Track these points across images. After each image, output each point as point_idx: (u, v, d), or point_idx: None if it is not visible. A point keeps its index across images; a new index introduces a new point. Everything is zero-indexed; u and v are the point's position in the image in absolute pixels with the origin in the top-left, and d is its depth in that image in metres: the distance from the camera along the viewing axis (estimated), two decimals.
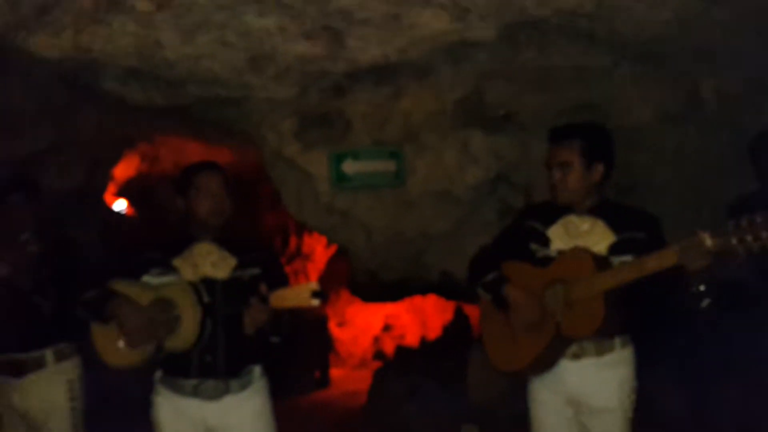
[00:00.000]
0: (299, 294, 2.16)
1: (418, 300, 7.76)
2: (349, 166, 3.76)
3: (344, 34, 2.97)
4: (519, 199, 3.89)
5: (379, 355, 8.82)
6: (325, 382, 7.46)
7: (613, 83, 3.65)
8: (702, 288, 2.12)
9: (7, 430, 2.90)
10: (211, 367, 2.36)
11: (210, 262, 2.42)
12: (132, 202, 6.18)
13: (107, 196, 5.76)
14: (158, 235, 5.67)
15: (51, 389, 2.87)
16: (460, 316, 6.66)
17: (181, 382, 2.38)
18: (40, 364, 2.86)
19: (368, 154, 3.73)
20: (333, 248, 8.36)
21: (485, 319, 2.50)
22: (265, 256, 2.57)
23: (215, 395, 2.36)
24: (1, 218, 2.84)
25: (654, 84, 3.66)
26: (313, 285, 2.14)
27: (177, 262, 2.41)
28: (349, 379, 7.97)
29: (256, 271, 2.46)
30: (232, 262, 2.44)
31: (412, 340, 8.57)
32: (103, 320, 2.34)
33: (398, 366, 5.97)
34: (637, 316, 2.32)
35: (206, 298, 2.33)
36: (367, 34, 2.96)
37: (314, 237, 8.34)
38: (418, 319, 9.00)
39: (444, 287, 4.37)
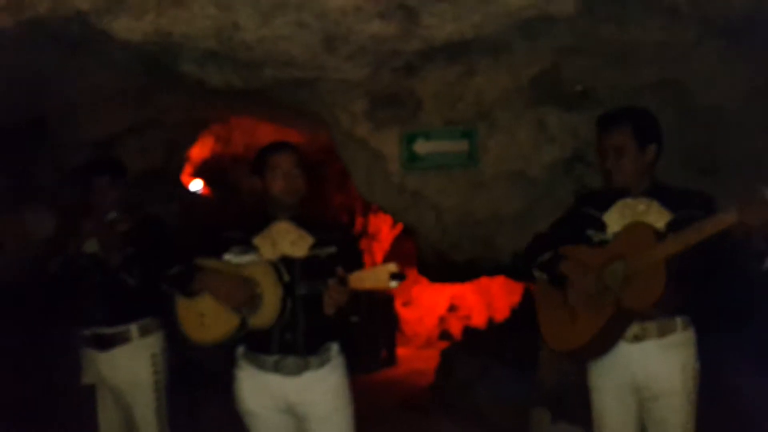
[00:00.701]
0: (378, 275, 2.18)
1: (484, 281, 7.71)
2: (421, 147, 3.72)
3: (419, 12, 2.92)
4: (596, 178, 3.75)
5: (444, 335, 8.84)
6: (391, 361, 7.54)
7: (696, 59, 3.48)
8: (765, 246, 2.06)
9: (99, 400, 3.05)
10: (291, 344, 2.42)
11: (288, 240, 2.48)
12: (206, 183, 6.35)
13: (184, 177, 5.94)
14: (231, 214, 5.86)
15: (135, 363, 3.00)
16: (529, 298, 6.57)
17: (263, 358, 2.45)
18: (125, 339, 2.99)
19: (440, 133, 3.68)
20: (398, 228, 8.39)
21: (542, 300, 2.52)
22: (341, 235, 2.62)
23: (295, 371, 2.43)
24: (88, 198, 2.97)
25: (740, 60, 3.47)
26: (392, 267, 2.16)
27: (257, 240, 2.47)
28: (414, 358, 8.02)
29: (332, 249, 2.50)
30: (309, 240, 2.49)
31: (477, 321, 8.53)
32: (189, 294, 2.42)
33: (466, 347, 5.96)
34: (700, 292, 2.30)
35: (286, 277, 2.38)
36: (443, 11, 2.90)
37: (380, 217, 8.38)
38: (484, 300, 8.94)
39: (515, 269, 4.31)
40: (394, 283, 2.15)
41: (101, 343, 2.98)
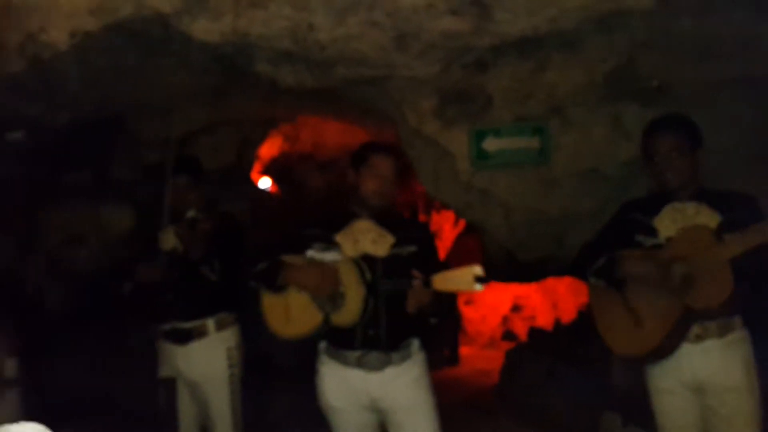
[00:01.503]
0: (463, 278, 2.18)
1: (550, 281, 7.56)
2: (491, 144, 3.68)
3: (492, 7, 2.88)
4: None
5: (508, 335, 8.71)
6: (454, 359, 7.48)
7: None
8: None
9: (179, 393, 3.14)
10: (374, 340, 2.45)
11: (370, 239, 2.49)
12: (274, 180, 6.47)
13: (253, 175, 6.06)
14: (299, 211, 5.95)
15: (212, 356, 3.07)
16: None
17: (346, 354, 2.48)
18: (202, 333, 3.06)
19: (510, 130, 3.63)
20: (461, 226, 8.32)
21: (600, 307, 2.52)
22: (420, 234, 2.63)
23: (378, 366, 2.45)
24: (169, 197, 3.06)
25: None
26: (477, 269, 2.16)
27: (338, 237, 2.50)
28: (478, 357, 7.93)
29: (413, 248, 2.52)
30: (390, 239, 2.50)
31: (542, 321, 8.37)
32: (276, 289, 2.48)
33: (532, 348, 5.86)
34: (754, 292, 2.33)
35: (368, 276, 2.41)
36: (516, 5, 2.85)
37: (442, 214, 8.34)
38: (550, 300, 8.77)
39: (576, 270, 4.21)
40: (478, 286, 2.15)
41: (179, 337, 3.06)
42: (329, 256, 2.46)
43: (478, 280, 2.14)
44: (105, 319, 4.07)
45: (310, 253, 2.49)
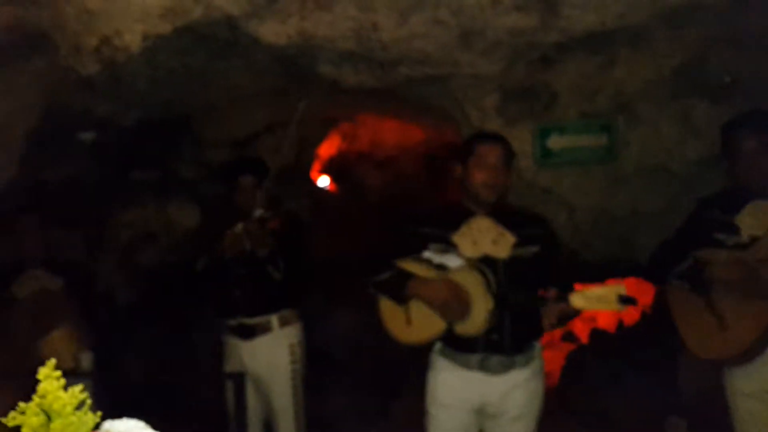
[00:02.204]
0: (606, 298, 2.06)
1: (611, 281, 7.38)
2: (555, 142, 3.60)
3: (559, 3, 2.84)
4: None
5: (568, 336, 8.54)
6: None
7: None
8: None
9: (247, 388, 3.20)
10: (497, 344, 2.34)
11: (490, 239, 2.34)
12: (333, 179, 6.51)
13: (312, 173, 6.12)
14: (356, 210, 5.98)
15: (275, 352, 3.13)
16: (662, 301, 6.22)
17: (467, 357, 2.37)
18: (266, 329, 3.12)
19: (576, 127, 3.55)
20: None
21: (682, 309, 2.48)
22: (542, 232, 2.50)
23: (501, 370, 2.35)
24: (235, 197, 3.13)
25: None
26: (621, 289, 2.05)
27: (456, 238, 2.36)
28: None
29: (535, 248, 2.38)
30: (511, 239, 2.35)
31: (603, 323, 8.17)
32: (401, 301, 2.38)
33: (594, 350, 5.74)
34: None
35: (494, 287, 2.27)
36: (585, 1, 2.80)
37: None
38: None
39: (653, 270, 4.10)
40: (621, 306, 2.05)
41: (244, 332, 3.12)
42: (451, 261, 2.32)
43: (623, 300, 2.02)
44: (170, 314, 4.18)
45: (428, 254, 2.35)
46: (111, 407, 0.95)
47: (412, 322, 2.36)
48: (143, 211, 4.31)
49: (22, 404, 0.91)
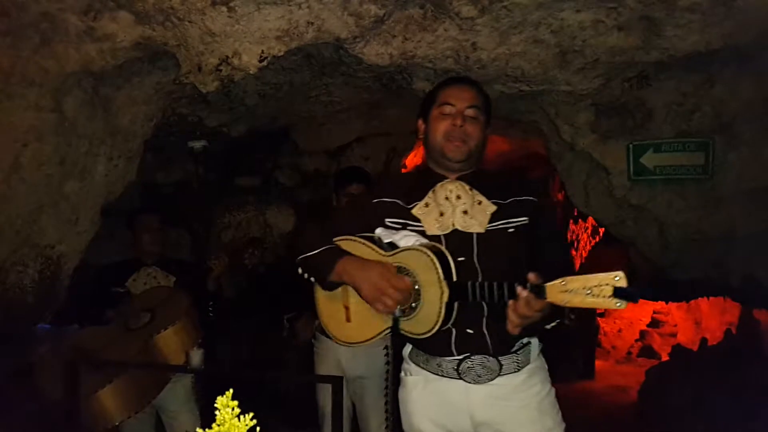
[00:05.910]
0: (595, 290, 1.48)
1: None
2: (650, 159, 3.60)
3: (662, 23, 2.82)
4: None
5: (646, 351, 8.39)
6: (589, 373, 7.32)
7: None
8: None
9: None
10: (476, 341, 1.80)
11: (459, 210, 1.83)
12: None
13: None
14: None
15: (373, 352, 3.22)
16: (749, 320, 6.04)
17: (440, 361, 1.84)
18: None
19: (672, 145, 3.53)
20: (598, 237, 8.10)
21: None
22: (532, 200, 1.86)
23: (484, 376, 1.80)
24: (338, 202, 3.27)
25: None
26: (617, 278, 1.47)
27: (416, 210, 1.86)
28: (612, 372, 7.71)
29: (522, 220, 1.81)
30: (489, 208, 1.82)
31: (684, 339, 7.99)
32: (329, 288, 1.89)
33: (677, 369, 5.62)
34: None
35: (454, 274, 1.71)
36: (690, 21, 2.77)
37: (579, 225, 8.15)
38: (692, 317, 8.35)
39: (744, 292, 4.01)
40: (619, 303, 1.46)
41: None
42: (403, 240, 1.78)
43: (619, 294, 1.45)
44: (267, 313, 4.38)
45: (378, 231, 1.85)
46: (209, 403, 1.06)
47: (350, 316, 1.90)
48: (245, 214, 4.57)
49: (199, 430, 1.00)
